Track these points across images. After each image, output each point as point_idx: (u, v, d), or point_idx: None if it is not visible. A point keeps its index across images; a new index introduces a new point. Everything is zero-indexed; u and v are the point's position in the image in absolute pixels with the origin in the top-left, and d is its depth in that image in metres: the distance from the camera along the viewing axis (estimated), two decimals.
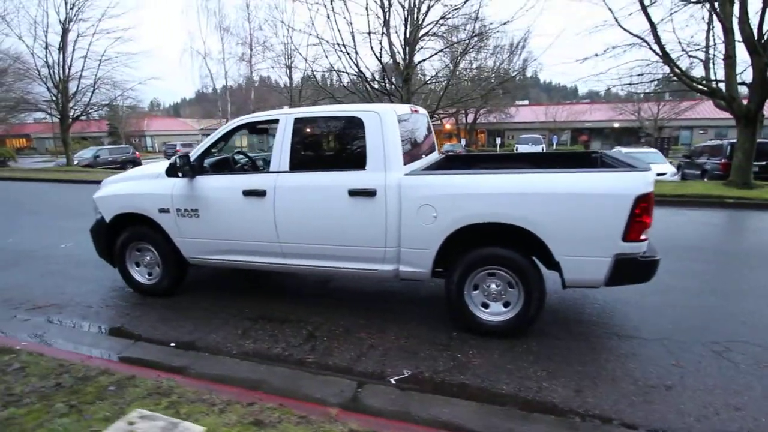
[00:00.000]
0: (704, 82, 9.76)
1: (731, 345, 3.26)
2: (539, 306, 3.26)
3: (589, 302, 4.05)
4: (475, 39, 12.59)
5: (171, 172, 3.80)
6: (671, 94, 22.25)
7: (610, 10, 10.57)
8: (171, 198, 3.95)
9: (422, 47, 13.63)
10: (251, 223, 3.75)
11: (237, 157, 4.42)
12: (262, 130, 4.59)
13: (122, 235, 4.26)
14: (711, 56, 9.87)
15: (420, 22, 12.45)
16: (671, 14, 10.24)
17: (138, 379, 2.71)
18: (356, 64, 12.44)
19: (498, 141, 32.92)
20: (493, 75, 16.43)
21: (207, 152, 4.01)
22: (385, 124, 3.46)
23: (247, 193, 3.71)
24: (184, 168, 3.79)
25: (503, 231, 3.21)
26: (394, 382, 2.88)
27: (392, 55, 12.84)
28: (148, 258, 4.30)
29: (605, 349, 3.25)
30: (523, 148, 28.75)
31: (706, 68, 10.63)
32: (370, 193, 3.38)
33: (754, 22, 8.71)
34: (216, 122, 45.75)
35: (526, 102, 40.71)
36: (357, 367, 3.07)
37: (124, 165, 23.62)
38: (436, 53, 14.02)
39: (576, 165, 4.53)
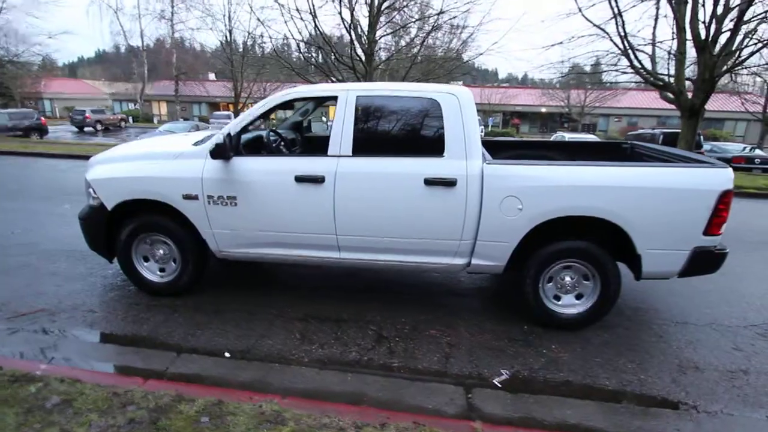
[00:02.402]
0: (659, 75, 10.56)
1: None
2: (615, 298, 3.30)
3: (627, 289, 4.18)
4: (442, 17, 12.40)
5: (220, 153, 3.18)
6: (596, 84, 23.92)
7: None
8: (201, 182, 3.35)
9: (384, 22, 13.18)
10: (304, 213, 3.32)
11: (270, 135, 3.84)
12: (291, 106, 4.05)
13: (129, 224, 3.57)
14: (669, 51, 10.68)
15: None
16: (620, 11, 10.83)
17: (229, 405, 2.28)
18: (321, 34, 11.69)
19: None
20: (454, 52, 16.40)
21: (245, 130, 3.44)
22: (465, 108, 3.20)
23: (301, 179, 3.26)
24: (233, 148, 3.21)
25: (582, 223, 3.16)
26: (499, 384, 2.74)
27: (354, 27, 12.26)
28: (161, 252, 3.66)
29: (671, 337, 3.39)
30: None
31: (653, 62, 11.51)
32: (449, 183, 3.13)
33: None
34: (131, 86, 41.09)
35: (460, 83, 41.60)
36: (450, 369, 2.88)
37: (27, 132, 20.28)
38: (399, 28, 13.63)
39: (610, 156, 4.64)
